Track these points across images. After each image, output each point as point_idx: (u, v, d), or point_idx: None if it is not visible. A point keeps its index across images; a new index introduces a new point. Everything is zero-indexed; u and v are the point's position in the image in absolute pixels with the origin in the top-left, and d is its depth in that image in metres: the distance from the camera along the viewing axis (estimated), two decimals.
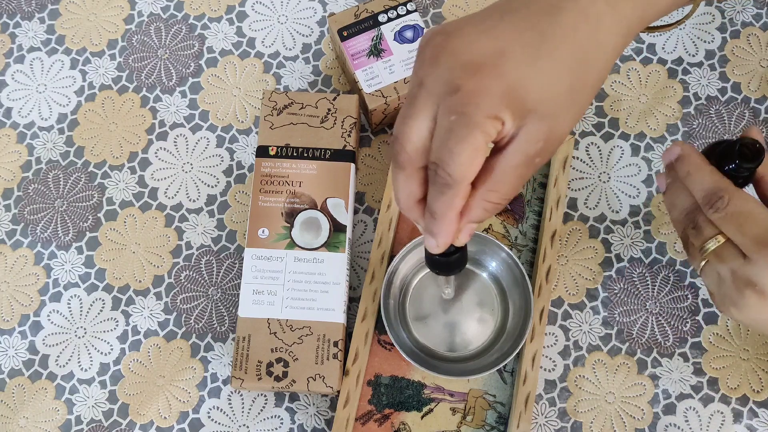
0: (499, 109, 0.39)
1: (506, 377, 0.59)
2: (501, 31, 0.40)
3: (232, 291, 0.63)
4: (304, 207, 0.60)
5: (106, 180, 0.67)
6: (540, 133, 0.40)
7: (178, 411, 0.61)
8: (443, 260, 0.46)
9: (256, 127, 0.67)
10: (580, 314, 0.62)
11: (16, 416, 0.61)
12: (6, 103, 0.69)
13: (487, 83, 0.39)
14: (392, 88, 0.62)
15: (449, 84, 0.39)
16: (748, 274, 0.46)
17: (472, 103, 0.39)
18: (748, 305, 0.46)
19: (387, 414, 0.59)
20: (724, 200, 0.46)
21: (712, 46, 0.68)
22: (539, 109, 0.40)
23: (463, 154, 0.39)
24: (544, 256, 0.59)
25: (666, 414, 0.59)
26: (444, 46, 0.40)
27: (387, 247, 0.60)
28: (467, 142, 0.39)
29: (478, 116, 0.39)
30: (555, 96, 0.40)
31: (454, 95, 0.39)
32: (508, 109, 0.39)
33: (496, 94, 0.39)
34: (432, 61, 0.40)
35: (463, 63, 0.39)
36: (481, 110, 0.39)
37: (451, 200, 0.41)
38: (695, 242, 0.49)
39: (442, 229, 0.42)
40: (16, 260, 0.65)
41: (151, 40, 0.70)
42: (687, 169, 0.49)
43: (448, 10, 0.70)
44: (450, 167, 0.39)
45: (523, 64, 0.39)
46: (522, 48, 0.40)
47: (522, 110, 0.39)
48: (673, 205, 0.51)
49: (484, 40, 0.40)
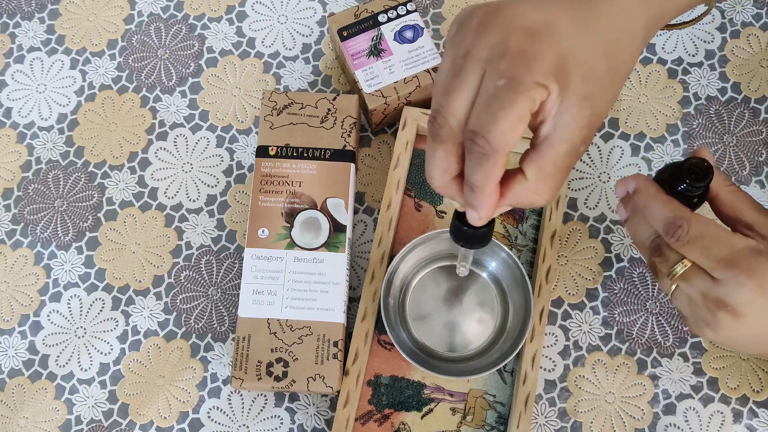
0: (547, 77, 0.38)
1: (506, 377, 0.59)
2: (548, 6, 0.40)
3: (232, 291, 0.63)
4: (304, 207, 0.60)
5: (106, 180, 0.67)
6: (584, 115, 0.40)
7: (178, 411, 0.61)
8: (471, 232, 0.45)
9: (256, 127, 0.67)
10: (580, 314, 0.62)
11: (16, 416, 0.61)
12: (6, 103, 0.69)
13: (541, 49, 0.38)
14: (392, 88, 0.62)
15: (500, 47, 0.38)
16: (719, 295, 0.46)
17: (523, 67, 0.38)
18: (722, 326, 0.47)
19: (387, 414, 0.59)
20: (684, 228, 0.46)
21: (712, 46, 0.68)
22: (583, 88, 0.39)
23: (506, 120, 0.38)
24: (544, 256, 0.59)
25: (666, 414, 0.59)
26: (495, 14, 0.40)
27: (387, 247, 0.60)
28: (512, 108, 0.37)
29: (527, 81, 0.37)
30: (596, 76, 0.40)
31: (505, 58, 0.38)
32: (556, 81, 0.38)
33: (548, 61, 0.38)
34: (480, 28, 0.40)
35: (518, 27, 0.39)
36: (532, 75, 0.37)
37: (491, 170, 0.39)
38: (662, 269, 0.49)
39: (483, 201, 0.41)
40: (16, 260, 0.65)
41: (151, 40, 0.70)
42: (644, 201, 0.49)
43: (448, 10, 0.70)
44: (491, 134, 0.38)
45: (573, 38, 0.39)
46: (570, 23, 0.39)
47: (567, 86, 0.39)
48: (636, 234, 0.51)
49: (534, 12, 0.39)
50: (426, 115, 0.62)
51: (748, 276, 0.45)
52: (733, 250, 0.46)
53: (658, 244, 0.49)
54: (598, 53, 0.40)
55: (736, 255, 0.45)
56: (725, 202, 0.50)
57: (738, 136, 0.65)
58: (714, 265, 0.46)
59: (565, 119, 0.39)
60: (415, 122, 0.62)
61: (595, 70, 0.40)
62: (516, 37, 0.38)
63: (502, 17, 0.39)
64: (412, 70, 0.63)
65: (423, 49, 0.63)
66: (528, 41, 0.38)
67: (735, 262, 0.45)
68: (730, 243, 0.46)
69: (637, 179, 0.50)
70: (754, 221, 0.48)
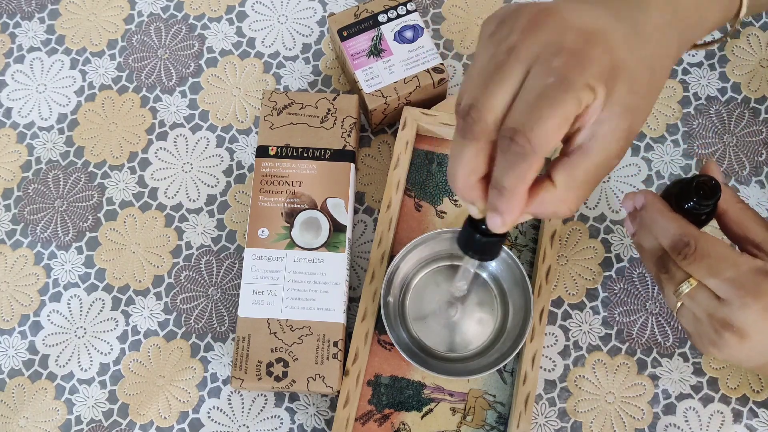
0: (598, 81, 0.37)
1: (506, 377, 0.59)
2: (601, 13, 0.39)
3: (232, 291, 0.63)
4: (304, 207, 0.60)
5: (106, 180, 0.67)
6: (623, 128, 0.39)
7: (178, 411, 0.61)
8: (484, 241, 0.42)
9: (256, 127, 0.67)
10: (580, 314, 0.62)
11: (16, 416, 0.61)
12: (6, 103, 0.69)
13: (595, 51, 0.37)
14: (392, 88, 0.62)
15: (554, 45, 0.37)
16: (725, 316, 0.46)
17: (577, 67, 0.37)
18: (728, 345, 0.47)
19: (387, 414, 0.59)
20: (691, 246, 0.46)
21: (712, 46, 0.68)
22: (627, 100, 0.38)
23: (552, 119, 0.36)
24: (544, 256, 0.59)
25: (666, 414, 0.59)
26: (549, 13, 0.38)
27: (387, 247, 0.60)
28: (561, 107, 0.36)
29: (578, 82, 0.36)
30: (640, 90, 0.39)
31: (559, 56, 0.37)
32: (605, 87, 0.37)
33: (601, 64, 0.37)
34: (531, 26, 0.38)
35: (575, 27, 0.38)
36: (584, 76, 0.36)
37: (526, 173, 0.37)
38: (669, 286, 0.49)
39: (511, 205, 0.39)
40: (16, 260, 0.65)
41: (151, 40, 0.70)
42: (652, 217, 0.49)
43: (448, 10, 0.70)
44: (533, 132, 0.36)
45: (625, 48, 0.38)
46: (622, 33, 0.39)
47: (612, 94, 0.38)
48: (643, 249, 0.51)
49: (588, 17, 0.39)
50: (426, 115, 0.62)
51: (755, 298, 0.45)
52: (739, 270, 0.45)
53: (665, 260, 0.49)
54: (645, 68, 0.40)
55: (743, 276, 0.45)
56: (734, 219, 0.49)
57: (738, 136, 0.65)
58: (721, 286, 0.46)
59: (605, 129, 0.38)
60: (415, 122, 0.62)
61: (640, 84, 0.39)
62: (572, 37, 0.37)
63: (558, 17, 0.38)
64: (412, 70, 0.63)
65: (423, 49, 0.63)
66: (584, 42, 0.37)
67: (741, 283, 0.45)
68: (736, 263, 0.46)
69: (646, 195, 0.50)
70: (761, 240, 0.48)
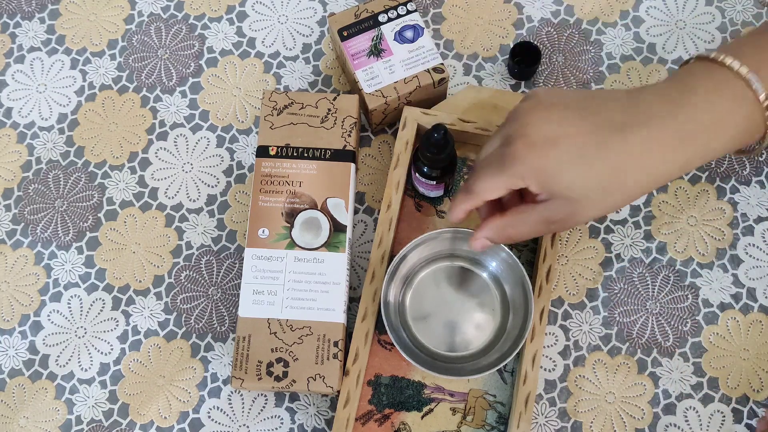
0: (525, 177, 0.48)
1: (506, 377, 0.59)
2: (570, 124, 0.48)
3: (232, 291, 0.63)
4: (305, 207, 0.60)
5: (106, 180, 0.67)
6: (562, 210, 0.49)
7: (178, 411, 0.61)
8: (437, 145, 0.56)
9: (256, 127, 0.67)
10: (580, 314, 0.62)
11: (16, 416, 0.61)
12: (6, 103, 0.69)
13: (529, 157, 0.48)
14: (392, 88, 0.62)
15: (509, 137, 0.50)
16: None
17: (510, 160, 0.49)
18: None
19: (387, 414, 0.59)
20: None
21: (712, 46, 0.68)
22: (566, 193, 0.48)
23: (484, 182, 0.50)
24: (544, 256, 0.59)
25: (666, 414, 0.59)
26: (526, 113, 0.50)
27: (387, 247, 0.60)
28: (493, 180, 0.50)
29: (509, 170, 0.49)
30: (584, 189, 0.48)
31: (508, 146, 0.49)
32: (536, 182, 0.48)
33: (531, 167, 0.48)
34: (513, 116, 0.51)
35: (525, 134, 0.49)
36: (513, 169, 0.48)
37: (464, 201, 0.52)
38: None
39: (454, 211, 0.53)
40: (16, 260, 0.65)
41: (151, 40, 0.70)
42: None
43: (448, 10, 0.70)
44: (472, 181, 0.51)
45: (565, 160, 0.47)
46: (574, 149, 0.47)
47: (549, 189, 0.48)
48: None
49: (551, 125, 0.48)
50: (426, 115, 0.63)
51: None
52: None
53: None
54: (595, 175, 0.47)
55: None
56: None
57: None
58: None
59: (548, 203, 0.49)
60: (415, 122, 0.62)
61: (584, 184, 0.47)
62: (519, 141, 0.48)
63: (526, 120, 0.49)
64: (412, 70, 0.63)
65: (423, 49, 0.63)
66: (525, 148, 0.48)
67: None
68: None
69: None
70: None
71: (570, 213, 0.49)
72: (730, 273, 0.62)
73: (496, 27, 0.69)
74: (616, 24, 0.69)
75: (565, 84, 0.67)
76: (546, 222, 0.50)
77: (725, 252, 0.62)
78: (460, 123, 0.62)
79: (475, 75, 0.68)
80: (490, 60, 0.68)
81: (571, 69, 0.68)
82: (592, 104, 0.49)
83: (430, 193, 0.62)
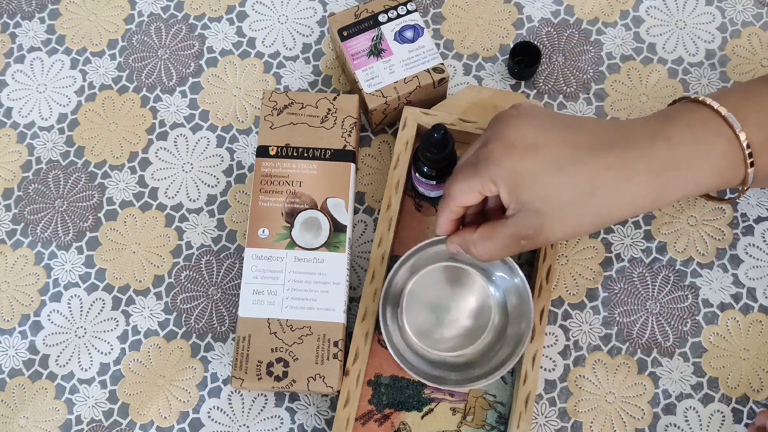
0: (497, 180, 0.49)
1: (506, 377, 0.59)
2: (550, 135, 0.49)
3: (232, 291, 0.63)
4: (305, 207, 0.60)
5: (107, 180, 0.67)
6: (530, 223, 0.49)
7: (178, 411, 0.61)
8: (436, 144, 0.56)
9: (256, 127, 0.67)
10: (580, 314, 0.62)
11: (16, 416, 0.61)
12: (6, 103, 0.69)
13: (504, 159, 0.48)
14: (392, 87, 0.62)
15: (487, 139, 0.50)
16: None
17: (484, 162, 0.49)
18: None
19: (387, 414, 0.59)
20: None
21: (712, 46, 0.68)
22: (535, 204, 0.48)
23: (459, 185, 0.51)
24: (544, 256, 0.59)
25: (666, 414, 0.59)
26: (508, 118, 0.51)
27: (387, 247, 0.60)
28: (466, 182, 0.50)
29: (483, 173, 0.49)
30: (555, 200, 0.48)
31: (484, 147, 0.50)
32: (506, 186, 0.48)
33: (505, 169, 0.48)
34: (494, 120, 0.52)
35: (502, 137, 0.49)
36: (487, 170, 0.49)
37: (445, 207, 0.53)
38: None
39: (439, 221, 0.54)
40: (16, 260, 0.65)
41: (151, 40, 0.70)
42: None
43: (449, 10, 0.70)
44: (448, 184, 0.52)
45: (540, 167, 0.48)
46: (551, 157, 0.48)
47: (518, 197, 0.48)
48: None
49: (533, 132, 0.49)
50: (426, 115, 0.63)
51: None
52: None
53: None
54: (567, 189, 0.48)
55: None
56: None
57: None
58: None
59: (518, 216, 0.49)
60: (415, 122, 0.62)
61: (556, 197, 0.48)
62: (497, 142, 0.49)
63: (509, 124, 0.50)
64: (412, 70, 0.63)
65: (423, 49, 0.63)
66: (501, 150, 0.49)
67: None
68: None
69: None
70: None
71: (538, 227, 0.49)
72: (730, 273, 0.62)
73: (496, 27, 0.69)
74: (616, 24, 0.69)
75: (565, 84, 0.67)
76: (515, 237, 0.50)
77: (725, 252, 0.62)
78: (460, 123, 0.62)
79: (475, 75, 0.68)
80: (490, 60, 0.68)
81: (571, 69, 0.68)
82: (575, 123, 0.50)
83: (430, 193, 0.62)
